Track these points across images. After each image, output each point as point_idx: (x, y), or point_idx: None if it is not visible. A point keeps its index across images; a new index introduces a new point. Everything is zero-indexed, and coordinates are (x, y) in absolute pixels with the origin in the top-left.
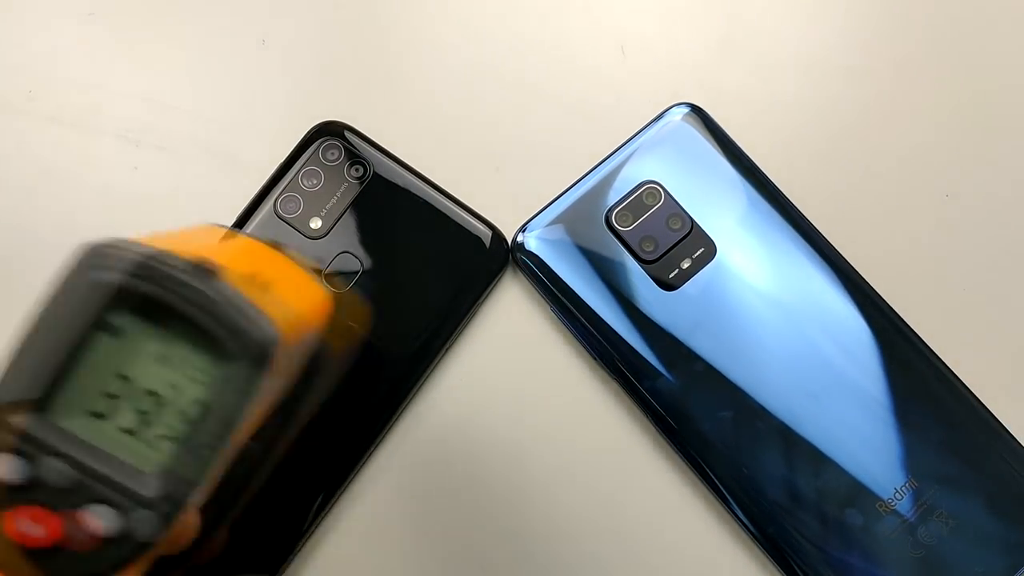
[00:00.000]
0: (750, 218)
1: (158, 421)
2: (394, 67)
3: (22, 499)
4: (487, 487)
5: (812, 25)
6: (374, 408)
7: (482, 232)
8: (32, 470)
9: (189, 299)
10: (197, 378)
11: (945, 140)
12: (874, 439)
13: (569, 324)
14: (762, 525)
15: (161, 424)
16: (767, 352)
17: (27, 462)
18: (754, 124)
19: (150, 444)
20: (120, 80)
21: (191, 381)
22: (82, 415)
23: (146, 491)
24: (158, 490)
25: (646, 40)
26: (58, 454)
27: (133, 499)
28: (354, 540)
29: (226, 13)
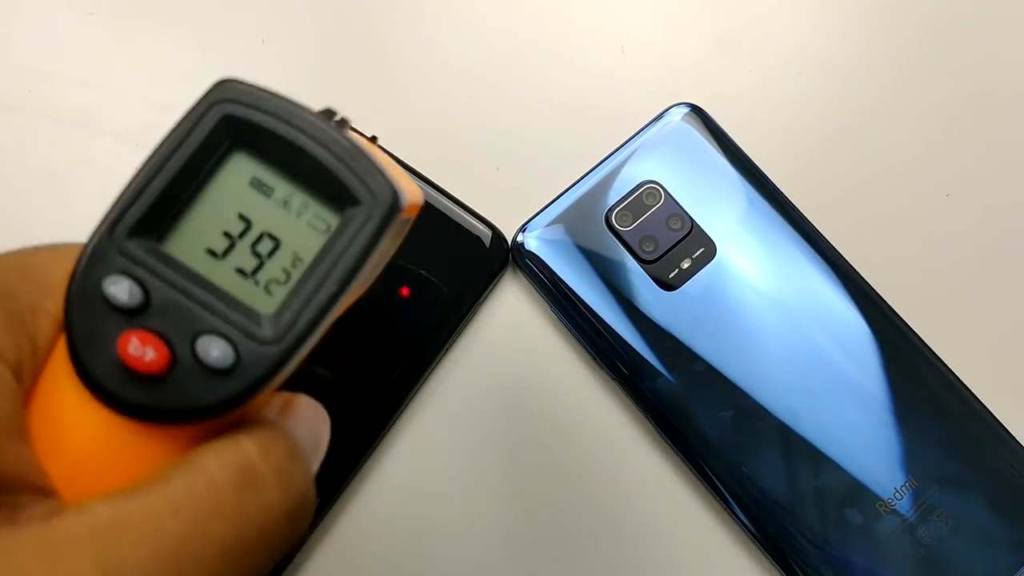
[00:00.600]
0: (750, 218)
1: (275, 266)
2: (394, 67)
3: (135, 323)
4: (486, 487)
5: (812, 25)
6: (374, 408)
7: (482, 232)
8: (146, 296)
9: (320, 141)
10: (318, 226)
11: (945, 140)
12: (874, 439)
13: (569, 324)
14: (762, 525)
15: (278, 269)
16: (767, 352)
17: (142, 288)
18: (754, 124)
19: (266, 287)
20: (120, 80)
21: (311, 228)
22: (199, 250)
23: (261, 331)
24: (273, 332)
25: (646, 40)
26: (174, 284)
27: (248, 336)
28: (353, 539)
29: (226, 13)
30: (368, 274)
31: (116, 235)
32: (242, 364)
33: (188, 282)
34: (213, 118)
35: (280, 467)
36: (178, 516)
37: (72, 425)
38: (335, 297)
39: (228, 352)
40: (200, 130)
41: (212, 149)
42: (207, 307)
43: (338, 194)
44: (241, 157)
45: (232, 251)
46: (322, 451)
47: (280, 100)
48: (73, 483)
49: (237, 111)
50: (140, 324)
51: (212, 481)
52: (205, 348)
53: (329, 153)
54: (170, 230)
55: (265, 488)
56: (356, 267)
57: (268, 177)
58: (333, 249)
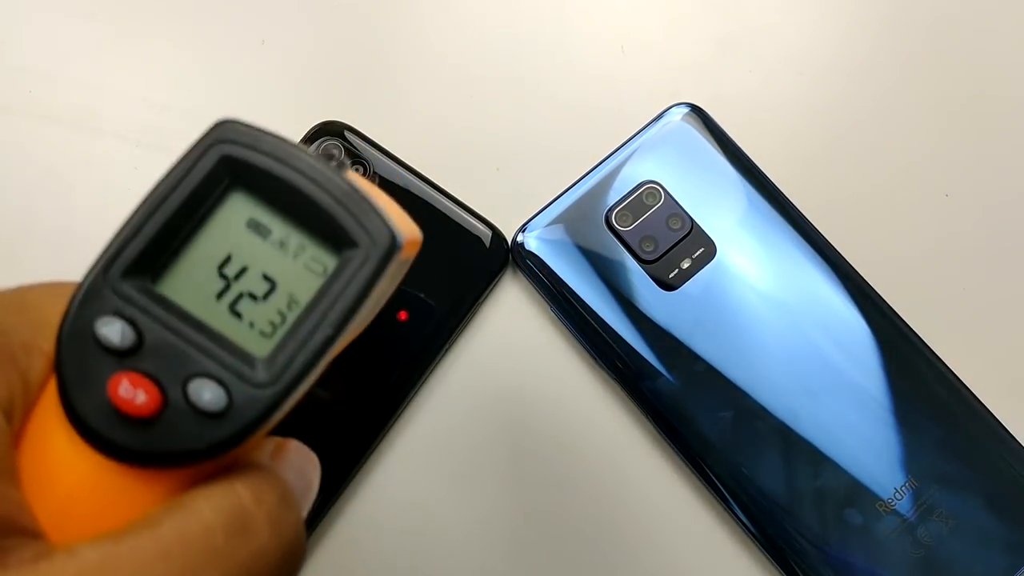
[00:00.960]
0: (750, 218)
1: (271, 308)
2: (394, 67)
3: (127, 365)
4: (486, 486)
5: (812, 25)
6: (374, 408)
7: (482, 232)
8: (139, 337)
9: (318, 183)
10: (315, 269)
11: (945, 140)
12: (874, 439)
13: (569, 324)
14: (762, 525)
15: (273, 311)
16: (767, 352)
17: (134, 329)
18: (754, 124)
19: (261, 330)
20: (120, 80)
21: (308, 270)
22: (193, 291)
23: (255, 374)
24: (267, 375)
25: (646, 40)
26: (167, 326)
27: (242, 378)
28: (353, 539)
29: (226, 13)
30: (365, 315)
31: (111, 275)
32: (235, 407)
33: (182, 323)
34: (211, 159)
35: (273, 513)
36: (168, 560)
37: (61, 467)
38: (331, 340)
39: (220, 395)
40: (198, 170)
41: (209, 189)
42: (200, 349)
43: (335, 236)
44: (238, 198)
45: (227, 292)
46: (312, 496)
47: (279, 141)
48: (62, 526)
49: (235, 152)
50: (132, 366)
51: (204, 525)
52: (197, 391)
53: (327, 195)
54: (165, 270)
55: (257, 534)
56: (353, 310)
57: (265, 218)
58: (330, 292)
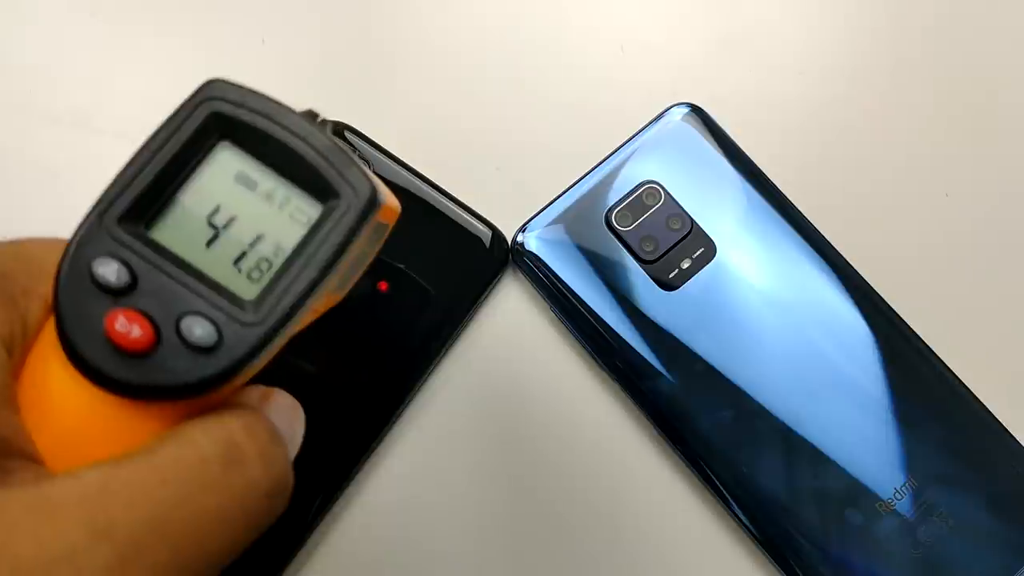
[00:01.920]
0: (750, 218)
1: (258, 254)
2: (394, 67)
3: (122, 303)
4: (486, 486)
5: (812, 25)
6: (374, 408)
7: (482, 232)
8: (133, 278)
9: (303, 138)
10: (300, 218)
11: (945, 140)
12: (874, 439)
13: (569, 324)
14: (762, 525)
15: (260, 257)
16: (767, 352)
17: (128, 270)
18: (754, 124)
19: (249, 275)
20: (120, 80)
21: (293, 220)
22: (185, 238)
23: (243, 314)
24: (255, 315)
25: (646, 40)
26: (160, 268)
27: (231, 317)
28: (353, 539)
29: (226, 12)
30: (345, 271)
31: (106, 220)
32: (224, 344)
33: (174, 267)
34: (201, 114)
35: (263, 447)
36: (167, 484)
37: (60, 401)
38: (314, 283)
39: (211, 331)
40: (189, 125)
41: (199, 143)
42: (192, 290)
43: (319, 188)
44: (227, 152)
45: (217, 240)
46: (297, 442)
47: (266, 99)
48: (61, 456)
49: (224, 108)
50: (127, 303)
51: (200, 454)
52: (189, 327)
53: (312, 149)
54: (158, 217)
55: (249, 465)
56: (335, 256)
57: (253, 171)
58: (313, 239)
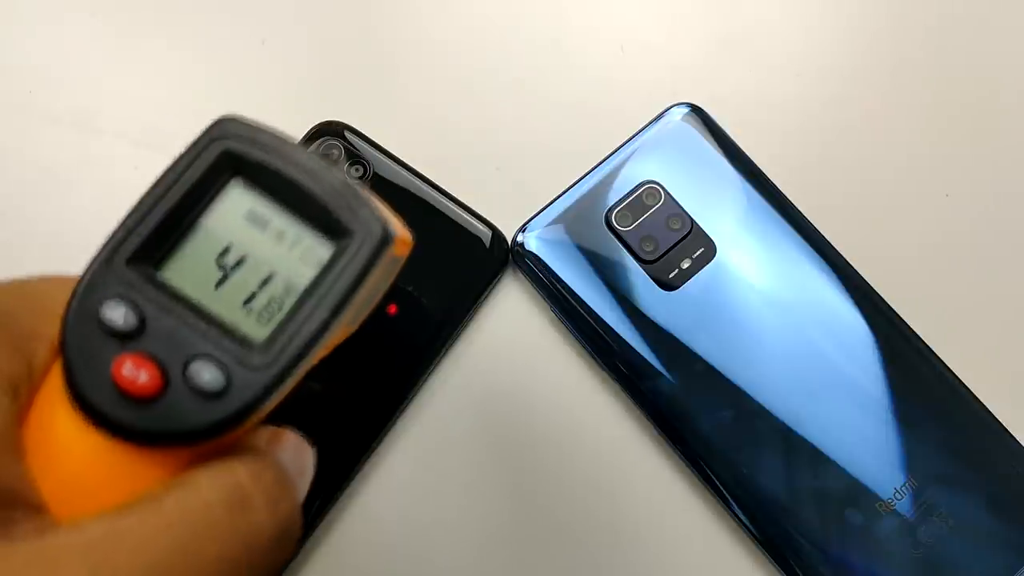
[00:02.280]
0: (750, 218)
1: (268, 295)
2: (394, 67)
3: (130, 347)
4: (486, 487)
5: (812, 25)
6: (374, 408)
7: (482, 232)
8: (142, 321)
9: (315, 176)
10: (311, 259)
11: (944, 140)
12: (874, 439)
13: (569, 324)
14: (762, 525)
15: (271, 298)
16: (767, 352)
17: (137, 312)
18: (754, 124)
19: (259, 316)
20: (120, 80)
21: (304, 260)
22: (193, 279)
23: (253, 357)
24: (264, 358)
25: (646, 40)
26: (169, 311)
27: (240, 361)
28: (353, 539)
29: (226, 13)
30: (358, 307)
31: (115, 262)
32: (233, 388)
33: (183, 309)
34: (213, 152)
35: (269, 491)
36: (171, 532)
37: (66, 446)
38: (325, 325)
39: (219, 376)
40: (200, 164)
41: (210, 182)
42: (200, 333)
43: (331, 227)
44: (238, 190)
45: (227, 281)
46: (307, 482)
47: (277, 137)
48: (65, 504)
49: (235, 146)
50: (135, 348)
51: (204, 501)
52: (197, 372)
53: (323, 188)
54: (167, 258)
55: (255, 511)
56: (346, 296)
57: (264, 210)
58: (324, 280)
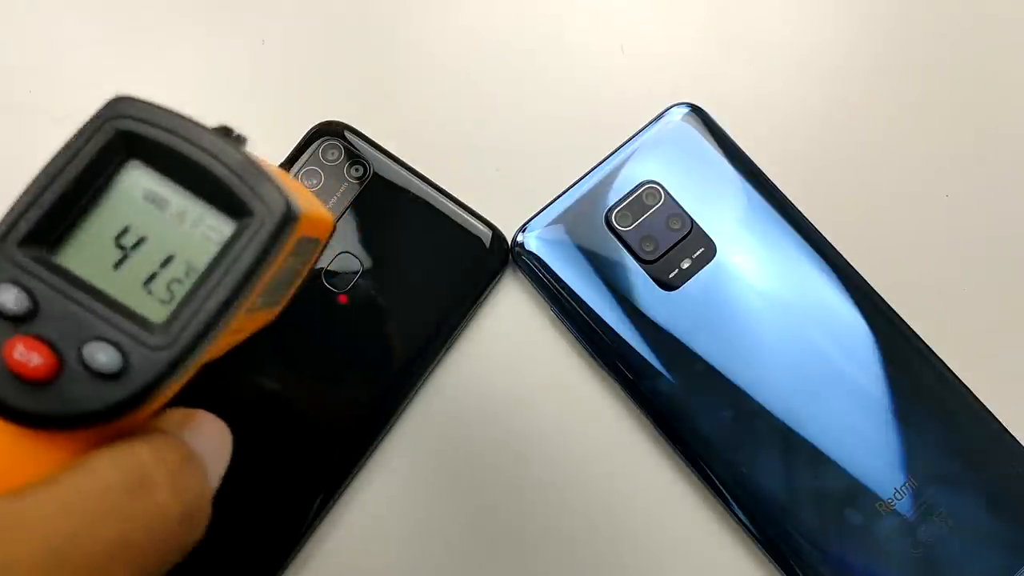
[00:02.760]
0: (750, 218)
1: (168, 275)
2: (394, 67)
3: (23, 330)
4: (487, 486)
5: (812, 25)
6: (375, 408)
7: (482, 232)
8: (35, 304)
9: (213, 154)
10: (212, 237)
11: (945, 140)
12: (874, 439)
13: (569, 324)
14: (762, 525)
15: (171, 279)
16: (767, 352)
17: (29, 296)
18: (754, 124)
19: (158, 297)
20: (120, 79)
21: (204, 239)
22: (90, 261)
23: (151, 338)
24: (163, 338)
25: (646, 40)
26: (62, 292)
27: (138, 342)
28: (353, 539)
29: (226, 12)
30: (269, 288)
31: (6, 245)
32: (131, 369)
33: (79, 291)
34: (107, 132)
35: (173, 472)
36: (68, 516)
37: None
38: (226, 304)
39: (115, 357)
40: (94, 143)
41: (106, 162)
42: (97, 315)
43: (232, 206)
44: (135, 170)
45: (125, 262)
46: (221, 464)
47: (176, 116)
48: None
49: (131, 126)
50: (28, 331)
51: (103, 482)
52: (92, 353)
53: (223, 166)
54: (62, 241)
55: (156, 492)
56: (248, 275)
57: (163, 190)
58: (225, 258)
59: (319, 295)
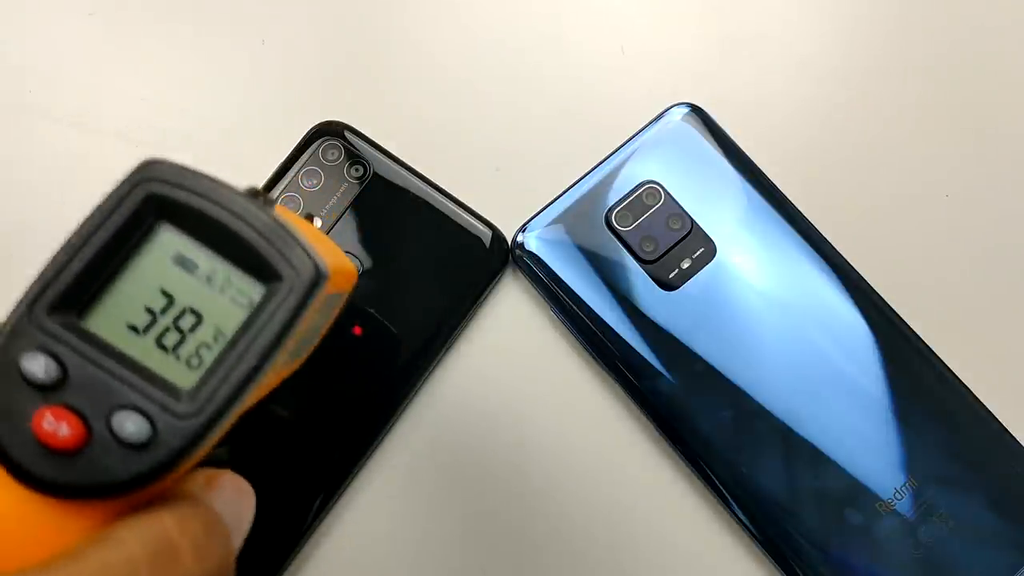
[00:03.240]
0: (750, 218)
1: (196, 340)
2: (394, 67)
3: (51, 399)
4: (487, 487)
5: (812, 25)
6: (374, 408)
7: (482, 232)
8: (64, 372)
9: (243, 218)
10: (241, 302)
11: (945, 140)
12: (874, 439)
13: (569, 324)
14: (762, 525)
15: (199, 344)
16: (767, 352)
17: (58, 364)
18: (754, 124)
19: (187, 362)
20: (120, 79)
21: (233, 303)
22: (119, 326)
23: (179, 405)
24: (191, 406)
25: (646, 40)
26: (91, 360)
27: (165, 410)
28: (354, 539)
29: (226, 13)
30: (295, 347)
31: (36, 312)
32: (159, 438)
33: (107, 358)
34: (138, 196)
35: (198, 541)
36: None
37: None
38: (255, 371)
39: (144, 426)
40: (124, 208)
41: (135, 226)
42: (125, 382)
43: (260, 270)
44: (165, 234)
45: (153, 326)
46: (244, 526)
47: (205, 178)
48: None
49: (161, 189)
50: (56, 400)
51: (127, 555)
52: (120, 423)
53: (251, 230)
54: (91, 306)
55: (181, 563)
56: (277, 341)
57: (192, 253)
58: (255, 324)
59: None
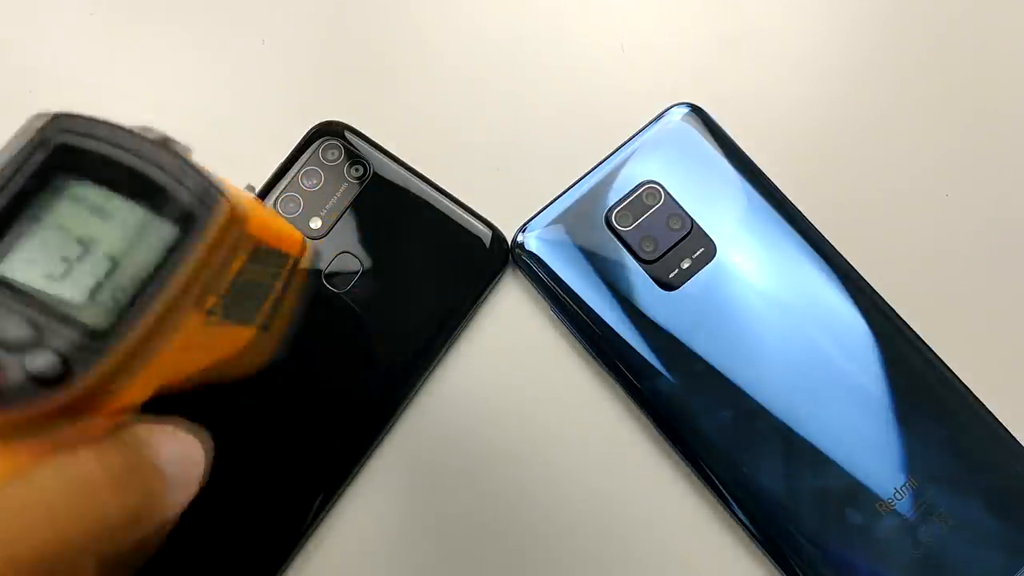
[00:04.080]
0: (750, 218)
1: (111, 283)
2: (394, 67)
3: None
4: (487, 487)
5: (812, 25)
6: (375, 407)
7: (482, 232)
8: None
9: (133, 151)
10: (152, 242)
11: (945, 140)
12: (874, 439)
13: (569, 324)
14: (762, 525)
15: (100, 273)
16: (767, 352)
17: None
18: (754, 124)
19: (100, 303)
20: (120, 79)
21: (120, 232)
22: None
23: (92, 343)
24: (104, 343)
25: (646, 39)
26: (3, 304)
27: (78, 348)
28: (354, 539)
29: (226, 13)
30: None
31: None
32: (71, 375)
33: (19, 302)
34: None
35: (118, 478)
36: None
37: None
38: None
39: (55, 363)
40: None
41: (47, 176)
42: (37, 322)
43: (156, 199)
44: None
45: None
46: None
47: (115, 127)
48: None
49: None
50: None
51: (41, 488)
52: (32, 360)
53: (139, 158)
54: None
55: (97, 497)
56: (172, 262)
57: (91, 192)
58: (133, 250)
59: (319, 295)
